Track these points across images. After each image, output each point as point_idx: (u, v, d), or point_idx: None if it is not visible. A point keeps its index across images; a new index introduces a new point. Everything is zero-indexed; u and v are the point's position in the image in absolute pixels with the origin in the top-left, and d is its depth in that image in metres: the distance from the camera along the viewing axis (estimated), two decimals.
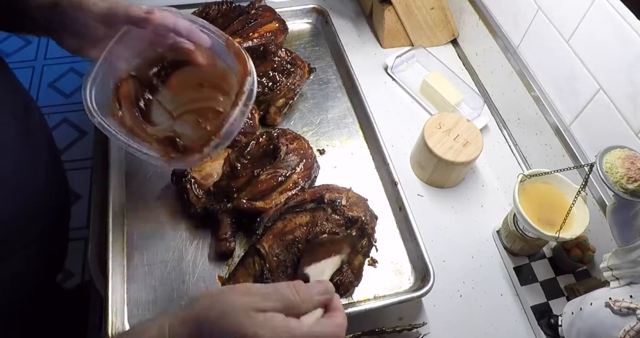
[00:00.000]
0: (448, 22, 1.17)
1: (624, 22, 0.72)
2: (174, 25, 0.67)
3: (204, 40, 0.69)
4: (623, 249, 0.63)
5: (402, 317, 0.78)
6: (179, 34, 0.68)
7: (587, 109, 0.83)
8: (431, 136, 0.88)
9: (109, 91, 0.70)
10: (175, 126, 0.74)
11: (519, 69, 0.98)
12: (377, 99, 1.03)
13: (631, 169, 0.59)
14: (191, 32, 0.68)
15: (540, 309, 0.80)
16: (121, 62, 0.70)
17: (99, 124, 0.65)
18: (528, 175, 0.78)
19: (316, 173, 0.88)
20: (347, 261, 0.71)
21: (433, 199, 0.93)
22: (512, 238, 0.83)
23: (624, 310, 0.60)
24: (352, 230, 0.71)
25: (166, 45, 0.70)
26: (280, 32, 1.05)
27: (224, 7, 1.07)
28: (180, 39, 0.69)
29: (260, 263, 0.70)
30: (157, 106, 0.75)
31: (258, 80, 0.91)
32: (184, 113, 0.75)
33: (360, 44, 1.17)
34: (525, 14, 0.95)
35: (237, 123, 0.66)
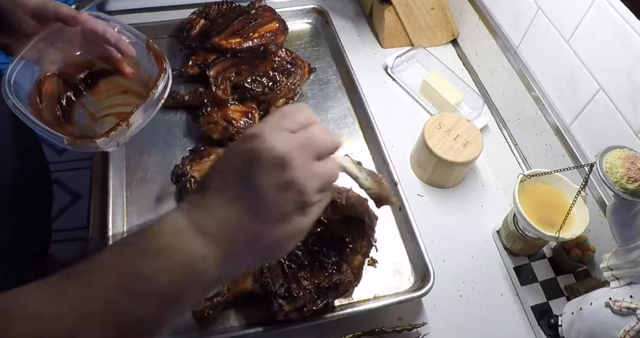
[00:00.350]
0: (448, 22, 1.17)
1: (624, 22, 0.72)
2: (103, 32, 0.70)
3: (130, 50, 0.73)
4: (623, 249, 0.63)
5: (402, 317, 0.77)
6: (107, 42, 0.71)
7: (587, 109, 0.83)
8: (431, 136, 0.88)
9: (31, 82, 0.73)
10: (95, 126, 0.78)
11: (519, 69, 0.98)
12: (377, 99, 1.03)
13: (631, 169, 0.59)
14: (119, 41, 0.72)
15: (540, 309, 0.80)
16: (48, 60, 0.73)
17: (12, 105, 0.67)
18: (528, 175, 0.78)
19: None
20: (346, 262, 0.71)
21: (433, 199, 0.93)
22: (512, 238, 0.83)
23: (624, 310, 0.60)
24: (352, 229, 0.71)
25: (95, 52, 0.74)
26: (280, 32, 1.05)
27: (224, 7, 1.07)
28: (109, 47, 0.72)
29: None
30: (79, 107, 0.79)
31: (258, 80, 0.92)
32: (105, 116, 0.79)
33: (360, 44, 1.17)
34: (525, 14, 0.95)
35: (147, 114, 0.69)
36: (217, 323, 0.72)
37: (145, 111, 0.70)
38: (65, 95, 0.77)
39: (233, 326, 0.72)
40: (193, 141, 0.93)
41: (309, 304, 0.68)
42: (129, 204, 0.84)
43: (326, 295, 0.69)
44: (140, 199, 0.85)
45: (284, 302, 0.68)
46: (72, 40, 0.72)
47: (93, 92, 0.79)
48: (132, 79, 0.77)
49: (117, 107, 0.80)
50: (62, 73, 0.76)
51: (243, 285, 0.71)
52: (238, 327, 0.72)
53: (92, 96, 0.79)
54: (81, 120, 0.78)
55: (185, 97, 0.95)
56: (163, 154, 0.91)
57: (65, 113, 0.77)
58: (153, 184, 0.86)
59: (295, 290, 0.68)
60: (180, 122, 0.96)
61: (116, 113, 0.80)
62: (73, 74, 0.77)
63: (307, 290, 0.68)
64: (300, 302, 0.68)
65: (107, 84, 0.79)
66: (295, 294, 0.68)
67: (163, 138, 0.93)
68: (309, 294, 0.68)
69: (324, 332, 0.74)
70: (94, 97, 0.79)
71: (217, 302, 0.70)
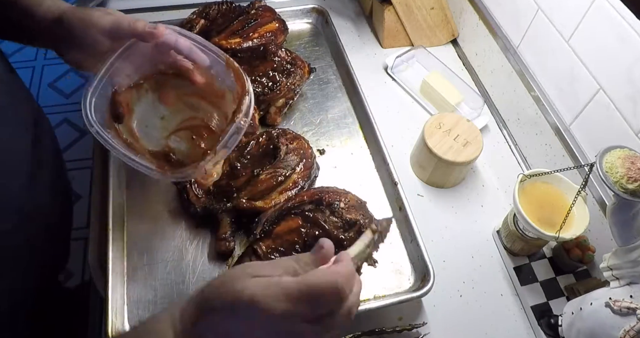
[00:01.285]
0: (448, 22, 1.17)
1: (624, 22, 0.72)
2: (175, 43, 0.68)
3: (203, 59, 0.71)
4: (623, 249, 0.63)
5: (402, 317, 0.77)
6: (180, 52, 0.70)
7: (587, 109, 0.83)
8: (431, 136, 0.88)
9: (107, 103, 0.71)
10: (170, 141, 0.76)
11: (519, 69, 0.98)
12: (377, 99, 1.03)
13: (631, 169, 0.59)
14: (191, 51, 0.70)
15: (540, 309, 0.80)
16: (122, 77, 0.71)
17: (97, 133, 0.66)
18: (528, 175, 0.78)
19: (316, 173, 0.88)
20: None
21: (433, 199, 0.93)
22: (512, 238, 0.83)
23: (624, 310, 0.60)
24: (350, 232, 0.71)
25: (167, 63, 0.72)
26: (280, 32, 1.05)
27: (224, 7, 1.07)
28: (180, 57, 0.70)
29: None
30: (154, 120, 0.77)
31: (258, 80, 0.92)
32: (179, 130, 0.77)
33: (360, 44, 1.17)
34: (525, 14, 0.95)
35: (232, 140, 0.68)
36: None
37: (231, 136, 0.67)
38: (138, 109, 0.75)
39: None
40: None
41: None
42: (129, 204, 0.84)
43: None
44: (140, 199, 0.85)
45: None
46: (143, 52, 0.70)
47: (165, 103, 0.77)
48: (205, 88, 0.75)
49: (190, 120, 0.78)
50: (136, 86, 0.74)
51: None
52: None
53: (165, 108, 0.77)
54: (155, 134, 0.76)
55: None
56: None
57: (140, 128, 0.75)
58: (153, 184, 0.86)
59: None
60: None
61: (189, 127, 0.77)
62: (145, 86, 0.75)
63: None
64: None
65: (178, 94, 0.77)
66: None
67: None
68: None
69: None
70: (167, 108, 0.77)
71: None
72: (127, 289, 0.75)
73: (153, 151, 0.74)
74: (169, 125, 0.77)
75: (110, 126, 0.71)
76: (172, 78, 0.75)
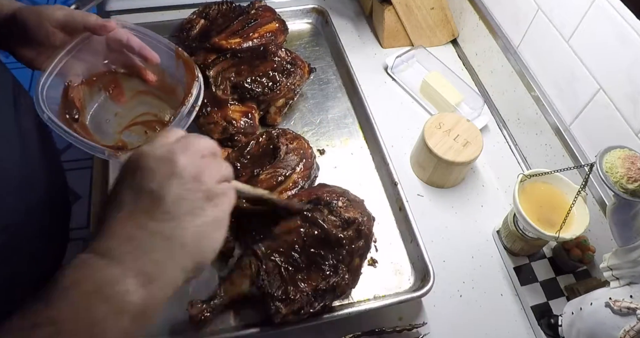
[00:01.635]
0: (448, 22, 1.17)
1: (624, 22, 0.72)
2: (127, 41, 0.70)
3: (154, 57, 0.73)
4: (623, 249, 0.63)
5: (402, 317, 0.77)
6: (131, 50, 0.71)
7: (587, 109, 0.83)
8: (431, 136, 0.88)
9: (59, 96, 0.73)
10: (123, 136, 0.78)
11: (519, 69, 0.98)
12: (377, 99, 1.03)
13: (631, 169, 0.59)
14: (142, 49, 0.72)
15: (540, 309, 0.80)
16: (74, 73, 0.73)
17: (48, 119, 0.67)
18: (528, 175, 0.78)
19: (316, 173, 0.88)
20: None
21: (433, 199, 0.93)
22: (512, 238, 0.83)
23: (624, 310, 0.60)
24: (349, 231, 0.71)
25: (119, 62, 0.74)
26: (280, 32, 1.05)
27: (224, 7, 1.07)
28: (132, 55, 0.72)
29: (257, 264, 0.70)
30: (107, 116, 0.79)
31: (258, 80, 0.92)
32: (132, 125, 0.79)
33: (360, 44, 1.17)
34: (525, 14, 0.95)
35: (183, 123, 0.69)
36: (216, 323, 0.72)
37: (180, 120, 0.70)
38: (92, 105, 0.77)
39: (232, 326, 0.72)
40: None
41: (306, 307, 0.68)
42: None
43: (323, 297, 0.69)
44: None
45: (281, 304, 0.67)
46: (96, 51, 0.72)
47: (118, 101, 0.79)
48: (157, 86, 0.77)
49: (144, 116, 0.80)
50: (88, 83, 0.76)
51: (240, 287, 0.71)
52: (236, 327, 0.72)
53: (118, 105, 0.79)
54: (108, 129, 0.78)
55: None
56: None
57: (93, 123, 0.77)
58: None
59: (292, 292, 0.68)
60: None
61: (143, 122, 0.79)
62: (98, 84, 0.77)
63: (304, 293, 0.68)
64: (298, 305, 0.68)
65: (131, 92, 0.79)
66: (292, 297, 0.68)
67: None
68: (306, 297, 0.68)
69: (324, 332, 0.74)
70: (119, 105, 0.80)
71: (213, 304, 0.70)
72: None
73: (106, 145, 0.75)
74: (123, 121, 0.79)
75: (63, 119, 0.72)
76: (124, 76, 0.77)
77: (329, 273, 0.69)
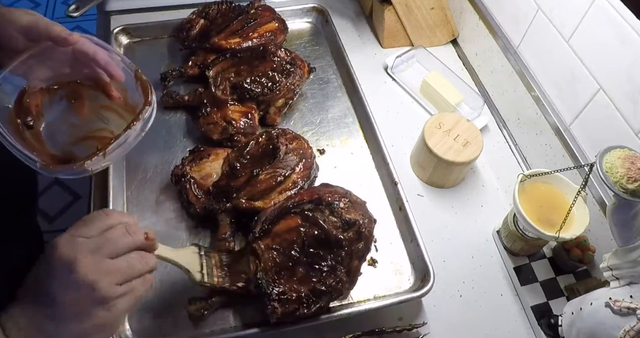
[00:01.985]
0: (448, 22, 1.17)
1: (624, 22, 0.72)
2: (94, 54, 0.69)
3: (119, 75, 0.72)
4: (623, 249, 0.63)
5: (402, 317, 0.77)
6: (97, 64, 0.71)
7: (587, 109, 0.83)
8: (431, 136, 0.88)
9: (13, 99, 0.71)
10: (74, 148, 0.76)
11: (519, 69, 0.98)
12: (377, 99, 1.03)
13: (631, 169, 0.59)
14: (108, 65, 0.71)
15: (540, 309, 0.80)
16: (35, 76, 0.72)
17: None
18: (528, 175, 0.78)
19: (316, 173, 0.88)
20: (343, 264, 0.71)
21: (433, 199, 0.93)
22: (512, 238, 0.83)
23: (624, 310, 0.60)
24: (349, 232, 0.71)
25: (84, 74, 0.73)
26: (280, 32, 1.05)
27: (224, 7, 1.07)
28: (98, 70, 0.72)
29: (255, 262, 0.70)
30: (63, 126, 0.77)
31: (258, 80, 0.92)
32: (86, 138, 0.78)
33: (360, 44, 1.17)
34: (525, 14, 0.95)
35: (125, 145, 0.68)
36: (216, 323, 0.72)
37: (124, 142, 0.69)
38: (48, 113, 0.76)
39: (231, 327, 0.72)
40: (193, 141, 0.93)
41: (302, 308, 0.68)
42: (129, 204, 0.84)
43: (320, 298, 0.68)
44: (140, 199, 0.85)
45: (277, 304, 0.67)
46: (62, 59, 0.71)
47: (78, 113, 0.78)
48: (119, 103, 0.76)
49: (101, 131, 0.79)
50: (48, 90, 0.75)
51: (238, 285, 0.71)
52: (236, 327, 0.72)
53: (77, 117, 0.78)
54: (62, 138, 0.77)
55: (185, 98, 0.95)
56: (163, 154, 0.91)
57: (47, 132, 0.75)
58: (153, 185, 0.86)
59: (289, 293, 0.68)
60: (180, 122, 0.96)
61: (98, 137, 0.78)
62: (60, 93, 0.76)
63: (301, 293, 0.68)
64: (294, 305, 0.68)
65: (92, 106, 0.78)
66: (289, 297, 0.68)
67: (163, 139, 0.93)
68: (303, 297, 0.68)
69: (324, 332, 0.74)
70: (78, 117, 0.78)
71: (211, 302, 0.70)
72: None
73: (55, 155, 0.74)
74: (77, 132, 0.78)
75: (12, 122, 0.71)
76: (87, 89, 0.76)
77: (327, 274, 0.69)
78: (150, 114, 0.70)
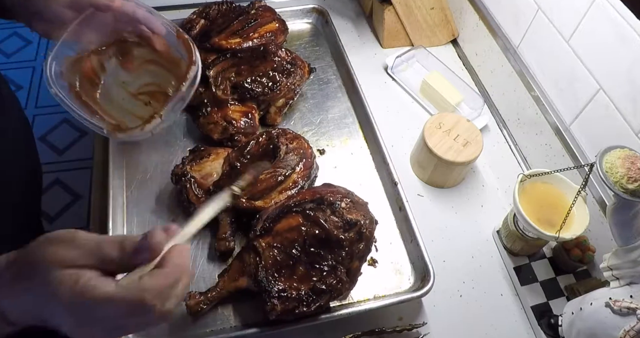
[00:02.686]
0: (448, 22, 1.17)
1: (624, 22, 0.72)
2: (133, 13, 0.74)
3: (160, 29, 0.77)
4: (623, 249, 0.63)
5: (402, 317, 0.77)
6: (138, 22, 0.76)
7: (587, 109, 0.83)
8: (431, 136, 0.88)
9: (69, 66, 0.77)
10: (130, 105, 0.83)
11: (519, 69, 0.98)
12: (377, 99, 1.03)
13: (631, 169, 0.59)
14: (148, 20, 0.76)
15: (540, 309, 0.80)
16: (84, 43, 0.77)
17: (55, 94, 0.71)
18: (528, 175, 0.78)
19: (316, 172, 0.88)
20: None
21: (433, 199, 0.93)
22: (512, 238, 0.83)
23: (624, 310, 0.60)
24: (350, 232, 0.71)
25: (128, 32, 0.78)
26: (280, 32, 1.05)
27: (224, 7, 1.07)
28: (140, 26, 0.77)
29: (256, 260, 0.70)
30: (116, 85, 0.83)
31: (258, 80, 0.92)
32: (138, 94, 0.84)
33: (360, 44, 1.17)
34: (525, 14, 0.95)
35: (178, 106, 0.73)
36: (216, 323, 0.73)
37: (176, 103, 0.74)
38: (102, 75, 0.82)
39: (231, 326, 0.72)
40: (193, 141, 0.93)
41: (301, 306, 0.68)
42: (129, 204, 0.84)
43: (319, 297, 0.69)
44: (140, 199, 0.85)
45: (276, 301, 0.67)
46: (105, 23, 0.76)
47: (127, 68, 0.83)
48: (164, 56, 0.81)
49: (149, 86, 0.84)
50: (98, 52, 0.80)
51: (238, 282, 0.71)
52: (236, 327, 0.72)
53: (126, 73, 0.83)
54: (117, 97, 0.82)
55: None
56: (163, 154, 0.91)
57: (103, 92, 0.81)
58: (153, 184, 0.86)
59: (289, 291, 0.68)
60: (180, 122, 0.96)
61: (149, 92, 0.84)
62: (109, 52, 0.81)
63: (301, 292, 0.68)
64: (293, 303, 0.68)
65: (139, 61, 0.83)
66: (289, 295, 0.68)
67: (163, 138, 0.93)
68: (303, 296, 0.68)
69: (324, 332, 0.74)
70: (128, 73, 0.83)
71: (211, 297, 0.70)
72: None
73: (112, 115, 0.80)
74: (130, 89, 0.84)
75: (72, 89, 0.77)
76: (133, 46, 0.81)
77: (327, 274, 0.69)
78: (196, 73, 0.74)
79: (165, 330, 0.71)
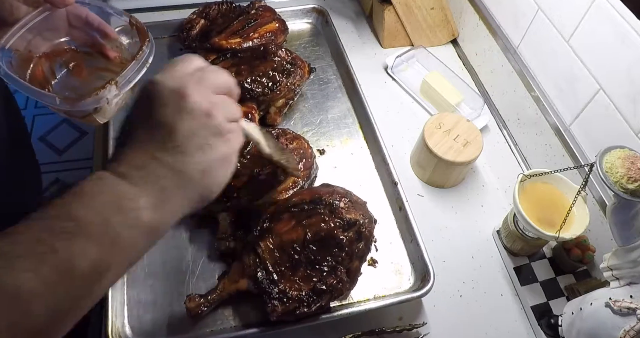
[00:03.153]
0: (448, 22, 1.17)
1: (624, 22, 0.72)
2: (86, 16, 0.73)
3: (113, 33, 0.76)
4: (623, 249, 0.63)
5: (402, 317, 0.77)
6: (90, 26, 0.74)
7: (587, 109, 0.83)
8: (431, 136, 0.88)
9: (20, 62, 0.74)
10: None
11: (519, 69, 0.98)
12: (377, 99, 1.03)
13: (631, 169, 0.59)
14: (101, 25, 0.75)
15: (540, 309, 0.80)
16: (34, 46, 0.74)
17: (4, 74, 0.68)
18: (528, 175, 0.78)
19: (316, 172, 0.88)
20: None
21: (433, 199, 0.93)
22: (512, 238, 0.83)
23: (624, 310, 0.60)
24: (349, 232, 0.71)
25: (80, 39, 0.77)
26: (280, 32, 1.05)
27: (224, 7, 1.07)
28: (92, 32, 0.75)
29: (256, 261, 0.70)
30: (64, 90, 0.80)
31: (258, 80, 0.92)
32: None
33: (360, 44, 1.17)
34: (525, 14, 0.95)
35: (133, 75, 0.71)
36: (216, 323, 0.73)
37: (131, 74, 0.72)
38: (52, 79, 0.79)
39: (231, 326, 0.72)
40: None
41: (302, 306, 0.68)
42: None
43: (320, 298, 0.69)
44: None
45: (277, 302, 0.67)
46: (58, 28, 0.74)
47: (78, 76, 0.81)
48: (116, 62, 0.80)
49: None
50: (48, 57, 0.78)
51: (238, 283, 0.71)
52: (236, 327, 0.72)
53: (77, 80, 0.82)
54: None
55: None
56: None
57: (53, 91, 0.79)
58: None
59: (289, 291, 0.68)
60: None
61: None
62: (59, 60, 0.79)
63: (301, 292, 0.68)
64: (294, 304, 0.68)
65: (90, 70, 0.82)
66: (289, 296, 0.68)
67: None
68: (303, 296, 0.68)
69: (324, 332, 0.74)
70: (78, 80, 0.82)
71: (211, 299, 0.70)
72: (127, 289, 0.75)
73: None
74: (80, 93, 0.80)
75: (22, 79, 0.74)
76: (85, 55, 0.80)
77: (327, 274, 0.69)
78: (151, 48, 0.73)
79: (165, 330, 0.71)
